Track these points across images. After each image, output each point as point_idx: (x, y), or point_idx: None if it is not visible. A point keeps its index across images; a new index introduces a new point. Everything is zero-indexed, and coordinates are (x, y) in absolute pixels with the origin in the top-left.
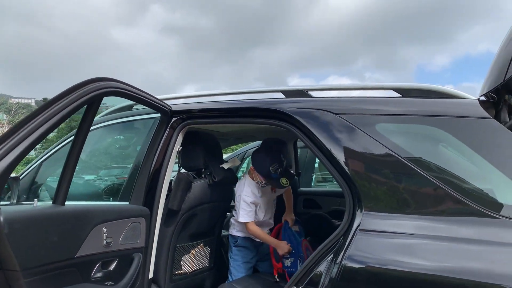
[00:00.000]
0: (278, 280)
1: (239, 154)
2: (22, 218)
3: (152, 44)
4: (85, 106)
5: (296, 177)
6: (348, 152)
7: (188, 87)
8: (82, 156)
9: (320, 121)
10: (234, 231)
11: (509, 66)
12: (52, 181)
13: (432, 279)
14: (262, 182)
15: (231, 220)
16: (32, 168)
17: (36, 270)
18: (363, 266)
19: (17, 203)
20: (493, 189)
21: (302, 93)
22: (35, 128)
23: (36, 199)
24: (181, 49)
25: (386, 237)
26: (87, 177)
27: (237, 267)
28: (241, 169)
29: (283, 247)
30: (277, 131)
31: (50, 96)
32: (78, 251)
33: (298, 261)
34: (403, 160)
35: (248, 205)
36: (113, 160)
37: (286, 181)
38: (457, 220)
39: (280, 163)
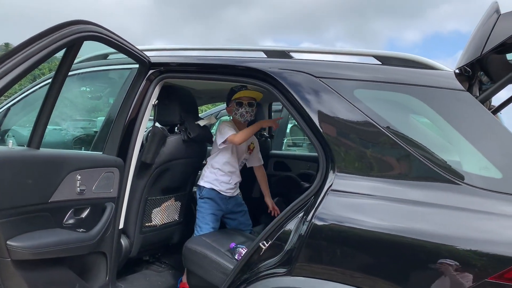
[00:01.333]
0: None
1: (213, 113)
2: None
3: None
4: (65, 49)
5: (269, 139)
6: (325, 115)
7: (156, 42)
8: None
9: (300, 83)
10: (201, 182)
11: (486, 42)
12: (21, 126)
13: (391, 238)
14: (234, 108)
15: (202, 171)
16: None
17: (10, 212)
18: (330, 224)
19: None
20: (460, 157)
21: (284, 54)
22: (13, 66)
23: (11, 141)
24: (150, 3)
25: (355, 198)
26: (58, 126)
27: (202, 219)
28: (212, 130)
29: (263, 122)
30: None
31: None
32: (51, 196)
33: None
34: (378, 125)
35: (228, 127)
36: (85, 110)
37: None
38: (422, 184)
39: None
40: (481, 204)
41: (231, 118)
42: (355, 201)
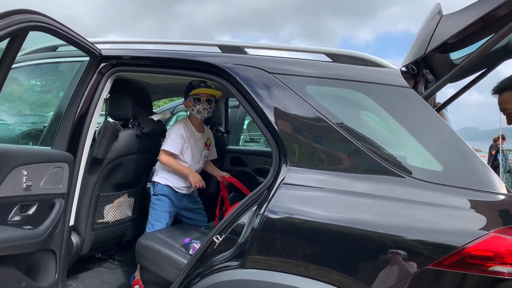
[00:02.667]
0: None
1: (168, 108)
2: None
3: None
4: (8, 40)
5: (225, 135)
6: (278, 110)
7: (110, 35)
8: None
9: (254, 79)
10: (156, 177)
11: (429, 41)
12: None
13: (339, 229)
14: (191, 104)
15: (155, 166)
16: None
17: None
18: (282, 217)
19: None
20: (404, 151)
21: (239, 49)
22: None
23: None
24: None
25: (305, 190)
26: (4, 120)
27: (155, 216)
28: (168, 126)
29: (194, 176)
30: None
31: None
32: None
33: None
34: (328, 120)
35: (177, 136)
36: (33, 104)
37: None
38: (369, 177)
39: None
40: (423, 195)
41: (188, 113)
42: (305, 194)
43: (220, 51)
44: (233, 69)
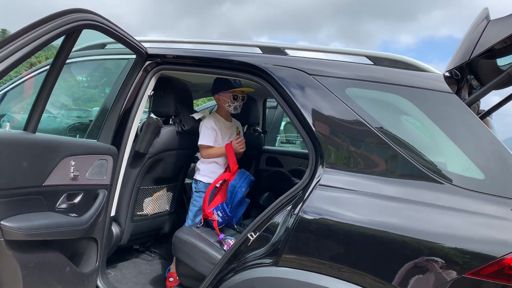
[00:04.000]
0: (200, 224)
1: (209, 107)
2: None
3: None
4: (64, 37)
5: (262, 135)
6: (316, 112)
7: (151, 34)
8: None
9: (293, 80)
10: (198, 176)
11: (475, 46)
12: (16, 112)
13: (373, 232)
14: (229, 100)
15: (196, 165)
16: None
17: (5, 193)
18: (315, 217)
19: None
20: (445, 158)
21: (279, 50)
22: (13, 51)
23: (8, 124)
24: None
25: (341, 192)
26: (53, 113)
27: (195, 212)
28: None
29: (233, 145)
30: (248, 86)
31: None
32: (45, 180)
33: (226, 218)
34: (367, 123)
35: (208, 129)
36: (82, 99)
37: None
38: (406, 182)
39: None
40: (462, 203)
41: (216, 107)
42: (340, 196)
43: (261, 52)
44: (272, 70)
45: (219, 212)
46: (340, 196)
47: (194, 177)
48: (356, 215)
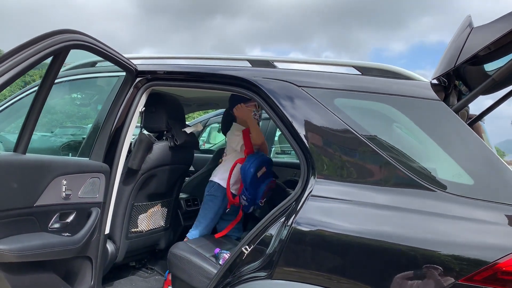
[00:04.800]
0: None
1: (202, 121)
2: None
3: (106, 4)
4: (51, 57)
5: None
6: (306, 123)
7: (143, 50)
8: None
9: (283, 92)
10: (215, 178)
11: (460, 53)
12: (8, 132)
13: (367, 242)
14: (254, 109)
15: (216, 168)
16: None
17: None
18: (309, 229)
19: None
20: (434, 165)
21: (268, 63)
22: (1, 73)
23: None
24: (137, 11)
25: (333, 203)
26: (47, 132)
27: (203, 214)
28: (202, 138)
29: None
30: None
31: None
32: (37, 200)
33: (249, 200)
34: (356, 133)
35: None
36: (74, 117)
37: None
38: (397, 190)
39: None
40: (453, 209)
41: (236, 120)
42: (333, 206)
43: (250, 65)
44: (262, 83)
45: (243, 196)
46: (333, 206)
47: (210, 178)
48: (349, 225)
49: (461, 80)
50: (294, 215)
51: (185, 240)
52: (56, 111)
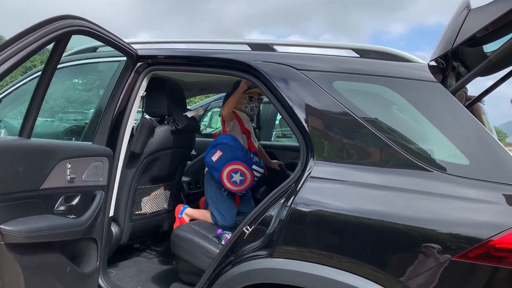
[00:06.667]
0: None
1: (203, 105)
2: None
3: None
4: (53, 43)
5: (256, 130)
6: (304, 106)
7: (141, 35)
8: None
9: (282, 76)
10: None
11: (457, 35)
12: (12, 118)
13: (365, 221)
14: (245, 101)
15: None
16: None
17: (2, 198)
18: (308, 209)
19: None
20: (431, 146)
21: (268, 47)
22: (3, 60)
23: (2, 131)
24: None
25: (331, 184)
26: (50, 117)
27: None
28: (203, 122)
29: None
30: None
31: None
32: (42, 183)
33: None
34: (354, 115)
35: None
36: (75, 102)
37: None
38: (394, 171)
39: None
40: (449, 189)
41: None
42: (331, 187)
43: (250, 49)
44: (261, 66)
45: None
46: (331, 187)
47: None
48: (346, 205)
49: (460, 62)
50: (293, 196)
51: (177, 219)
52: (58, 96)
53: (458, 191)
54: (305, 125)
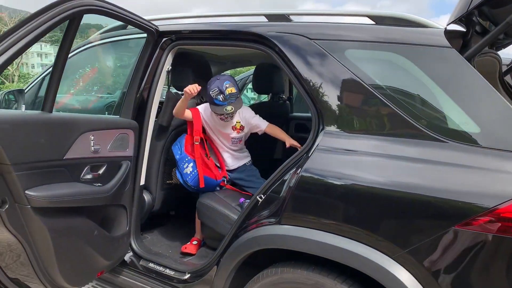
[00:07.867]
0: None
1: (242, 79)
2: (9, 120)
3: None
4: (67, 22)
5: (287, 102)
6: (316, 76)
7: (195, 10)
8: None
9: (295, 45)
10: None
11: None
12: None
13: (368, 190)
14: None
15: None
16: (36, 82)
17: (26, 166)
18: (315, 177)
19: None
20: (444, 116)
21: (284, 17)
22: (16, 40)
23: (23, 106)
24: None
25: (340, 154)
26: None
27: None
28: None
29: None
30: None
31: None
32: (65, 154)
33: None
34: (366, 85)
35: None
36: (109, 78)
37: (231, 108)
38: (404, 141)
39: (221, 90)
40: (459, 158)
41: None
42: (340, 157)
43: (267, 20)
44: (275, 37)
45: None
46: (340, 157)
47: None
48: (354, 175)
49: (494, 25)
50: (303, 166)
51: None
52: (96, 72)
53: (467, 160)
54: (314, 95)
